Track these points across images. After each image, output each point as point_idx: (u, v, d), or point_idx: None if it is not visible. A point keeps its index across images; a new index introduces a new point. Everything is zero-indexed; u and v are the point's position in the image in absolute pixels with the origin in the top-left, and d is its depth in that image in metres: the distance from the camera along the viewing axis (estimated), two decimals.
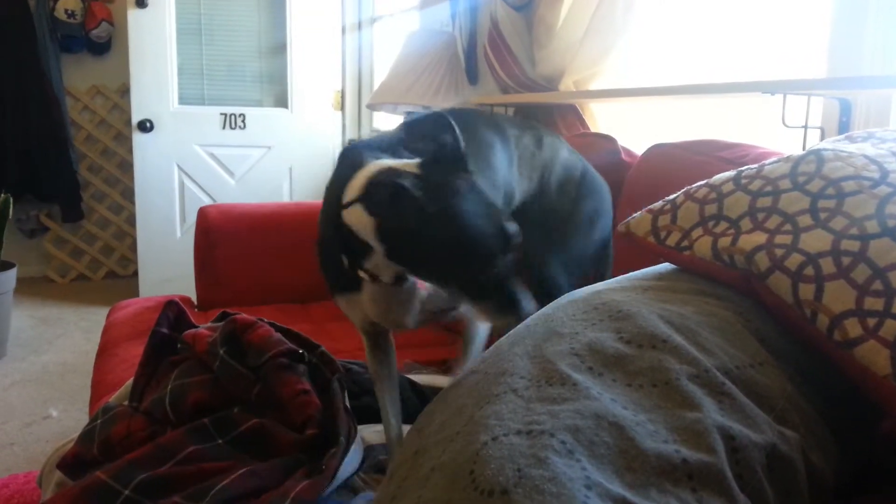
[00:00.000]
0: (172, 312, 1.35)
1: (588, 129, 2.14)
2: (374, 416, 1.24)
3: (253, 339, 1.21)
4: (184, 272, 3.45)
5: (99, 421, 1.21)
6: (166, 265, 3.66)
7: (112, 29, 4.19)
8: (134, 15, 3.54)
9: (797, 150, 1.49)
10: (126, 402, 1.28)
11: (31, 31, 3.92)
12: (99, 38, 4.16)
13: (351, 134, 4.06)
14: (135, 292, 3.67)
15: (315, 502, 0.95)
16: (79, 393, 2.69)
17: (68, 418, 2.50)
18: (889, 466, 0.80)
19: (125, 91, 4.05)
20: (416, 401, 1.33)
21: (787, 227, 0.74)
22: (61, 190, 4.13)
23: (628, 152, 1.74)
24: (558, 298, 0.86)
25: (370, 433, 1.22)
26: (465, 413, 0.67)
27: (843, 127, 1.48)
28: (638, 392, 0.63)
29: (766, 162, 0.83)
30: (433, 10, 3.05)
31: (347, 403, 1.13)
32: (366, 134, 4.00)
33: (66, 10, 4.03)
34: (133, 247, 4.11)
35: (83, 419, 2.47)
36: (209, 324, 1.35)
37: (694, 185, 0.86)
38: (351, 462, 1.05)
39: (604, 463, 0.56)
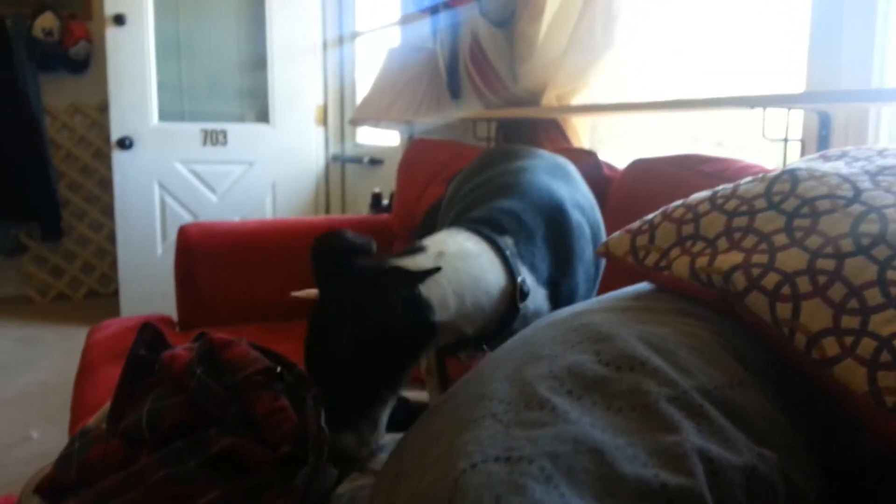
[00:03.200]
0: (149, 334, 1.34)
1: (570, 143, 2.15)
2: None
3: (229, 357, 1.20)
4: (165, 290, 3.42)
5: (76, 445, 1.20)
6: (147, 283, 3.63)
7: (90, 47, 4.17)
8: (112, 33, 3.52)
9: (778, 163, 1.51)
10: (104, 425, 1.26)
11: (8, 51, 3.89)
12: (77, 57, 4.14)
13: (334, 149, 4.05)
14: (116, 311, 3.63)
15: None
16: (59, 414, 2.64)
17: (49, 440, 2.47)
18: (871, 484, 0.80)
19: (104, 108, 4.03)
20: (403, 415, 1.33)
21: (763, 246, 0.74)
22: (40, 208, 4.09)
23: (610, 167, 1.74)
24: (537, 320, 0.85)
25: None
26: (444, 438, 0.66)
27: (823, 139, 1.49)
28: (617, 415, 0.63)
29: (742, 181, 0.83)
30: (414, 25, 3.06)
31: (323, 422, 1.12)
32: (349, 149, 4.00)
33: (43, 29, 4.01)
34: (113, 265, 4.07)
35: (63, 441, 2.42)
36: (187, 344, 1.34)
37: (671, 205, 0.86)
38: (322, 483, 1.03)
39: (583, 489, 0.56)
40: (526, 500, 0.54)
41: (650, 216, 0.86)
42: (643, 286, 0.85)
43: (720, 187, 0.84)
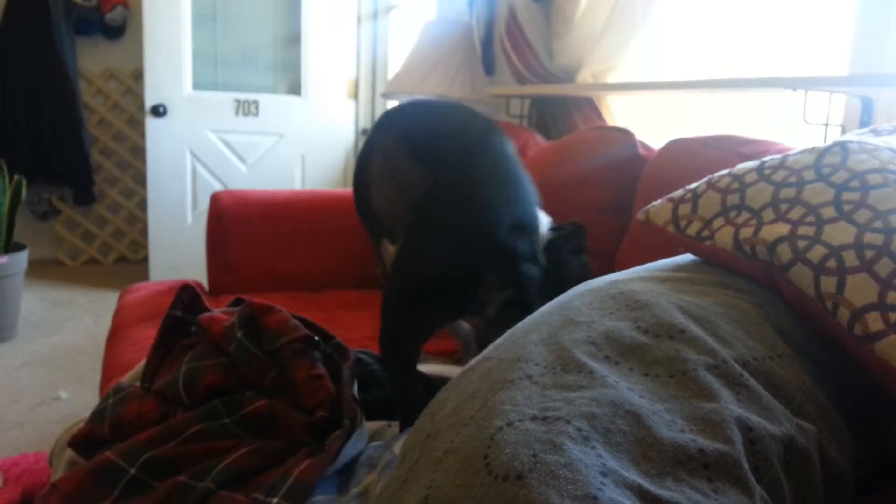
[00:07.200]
0: (187, 296, 1.35)
1: (605, 122, 2.13)
2: (383, 410, 1.24)
3: (270, 323, 1.21)
4: (194, 258, 3.46)
5: (111, 400, 1.22)
6: (177, 251, 3.67)
7: (127, 13, 4.20)
8: None
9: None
10: (138, 383, 1.28)
11: (46, 14, 3.93)
12: (114, 22, 4.17)
13: (364, 123, 4.05)
14: (145, 277, 3.69)
15: (315, 482, 0.95)
16: (88, 375, 2.70)
17: (77, 400, 2.51)
18: None
19: (139, 75, 4.06)
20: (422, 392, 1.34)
21: (811, 218, 0.73)
22: (73, 173, 4.14)
23: (645, 147, 1.72)
24: (575, 287, 0.85)
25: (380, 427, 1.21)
26: (478, 398, 0.66)
27: (864, 125, 1.46)
28: (655, 382, 0.62)
29: (791, 153, 0.82)
30: None
31: (356, 392, 1.13)
32: None
33: None
34: (144, 232, 4.12)
35: (92, 401, 2.47)
36: (225, 308, 1.35)
37: (716, 175, 0.84)
38: (353, 447, 1.05)
39: (619, 451, 0.56)
40: (563, 458, 0.54)
41: (694, 185, 0.85)
42: (684, 258, 0.84)
43: (768, 157, 0.82)
